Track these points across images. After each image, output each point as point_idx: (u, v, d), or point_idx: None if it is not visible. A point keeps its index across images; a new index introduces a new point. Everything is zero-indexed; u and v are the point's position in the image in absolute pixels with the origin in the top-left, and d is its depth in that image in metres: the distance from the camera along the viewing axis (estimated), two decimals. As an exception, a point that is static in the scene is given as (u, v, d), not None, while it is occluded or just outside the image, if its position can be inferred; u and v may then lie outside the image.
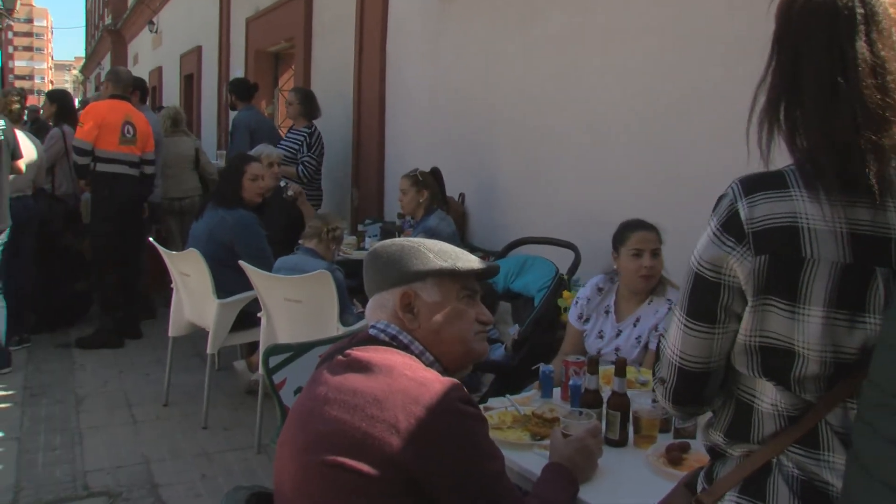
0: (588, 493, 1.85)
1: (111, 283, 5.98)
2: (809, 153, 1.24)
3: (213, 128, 11.98)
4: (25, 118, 7.63)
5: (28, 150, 5.56)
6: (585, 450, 1.90)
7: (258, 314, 4.21)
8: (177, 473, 3.84)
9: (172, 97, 15.05)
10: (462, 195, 5.51)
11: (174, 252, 4.75)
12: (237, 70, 10.60)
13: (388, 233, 5.39)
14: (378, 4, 6.63)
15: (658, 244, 3.02)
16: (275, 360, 2.57)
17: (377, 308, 1.76)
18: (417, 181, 4.81)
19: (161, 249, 4.71)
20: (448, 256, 1.76)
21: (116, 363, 5.61)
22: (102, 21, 25.92)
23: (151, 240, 5.01)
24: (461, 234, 5.16)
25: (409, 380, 1.54)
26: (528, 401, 2.50)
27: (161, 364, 5.06)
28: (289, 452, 1.61)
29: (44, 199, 6.15)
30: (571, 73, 4.44)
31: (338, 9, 7.52)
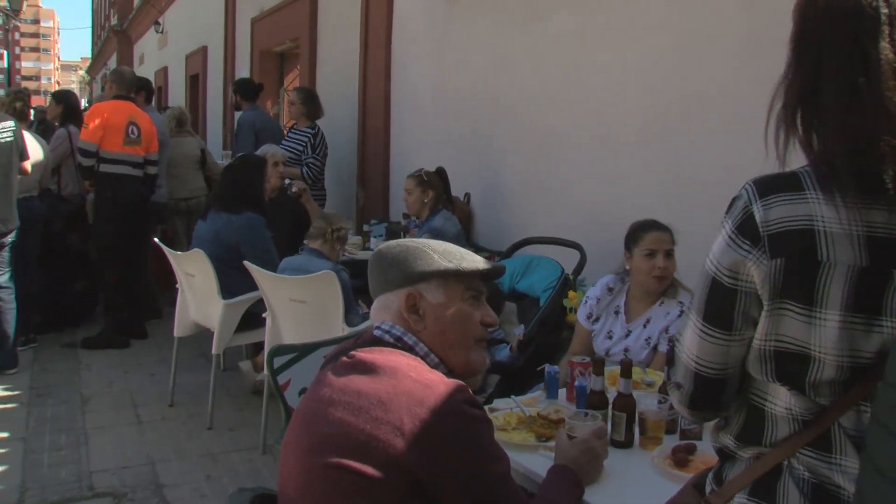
0: (593, 495, 1.85)
1: (115, 284, 5.98)
2: (826, 154, 1.22)
3: (219, 128, 12.00)
4: (32, 118, 7.65)
5: (34, 151, 5.56)
6: (591, 451, 1.89)
7: (263, 315, 4.20)
8: (182, 474, 3.84)
9: (178, 97, 15.08)
10: (467, 195, 5.50)
11: (179, 252, 4.75)
12: (242, 70, 10.61)
13: (394, 233, 5.38)
14: (383, 4, 6.63)
15: (671, 245, 3.01)
16: (279, 361, 2.57)
17: (382, 309, 1.75)
18: (422, 181, 4.80)
19: (166, 250, 4.71)
20: (453, 257, 1.75)
21: (122, 363, 5.62)
22: (108, 21, 25.99)
23: (156, 240, 5.02)
24: (466, 234, 5.15)
25: (414, 382, 1.53)
26: (534, 402, 2.49)
27: (166, 364, 5.07)
28: (293, 454, 1.60)
29: (49, 200, 6.17)
30: (577, 73, 4.43)
31: (343, 9, 7.52)
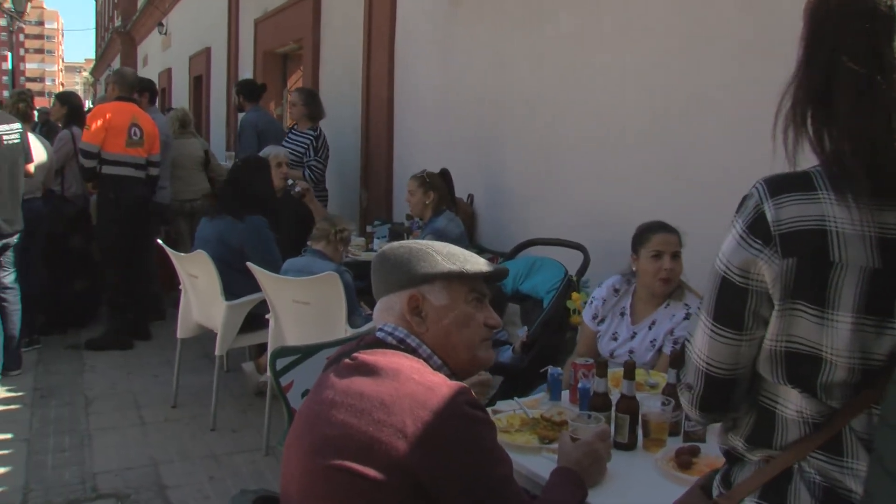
0: (597, 498, 1.84)
1: (118, 285, 5.99)
2: (838, 155, 1.21)
3: (222, 129, 12.01)
4: (36, 119, 7.66)
5: (38, 153, 5.58)
6: (594, 454, 1.89)
7: (266, 316, 4.20)
8: (185, 475, 3.85)
9: (182, 98, 15.09)
10: (470, 196, 5.49)
11: (182, 254, 4.75)
12: (246, 71, 10.62)
13: (397, 234, 5.38)
14: (386, 6, 6.63)
15: (678, 247, 3.00)
16: (282, 363, 2.57)
17: (385, 311, 1.75)
18: (424, 182, 4.80)
19: (169, 251, 4.72)
20: (456, 259, 1.74)
21: (125, 365, 5.62)
22: (112, 23, 26.03)
23: (160, 241, 5.02)
24: (470, 236, 5.14)
25: (417, 384, 1.53)
26: (537, 403, 2.49)
27: (170, 365, 5.07)
28: (295, 456, 1.60)
29: (53, 201, 6.18)
30: (580, 74, 4.43)
31: (346, 10, 7.52)
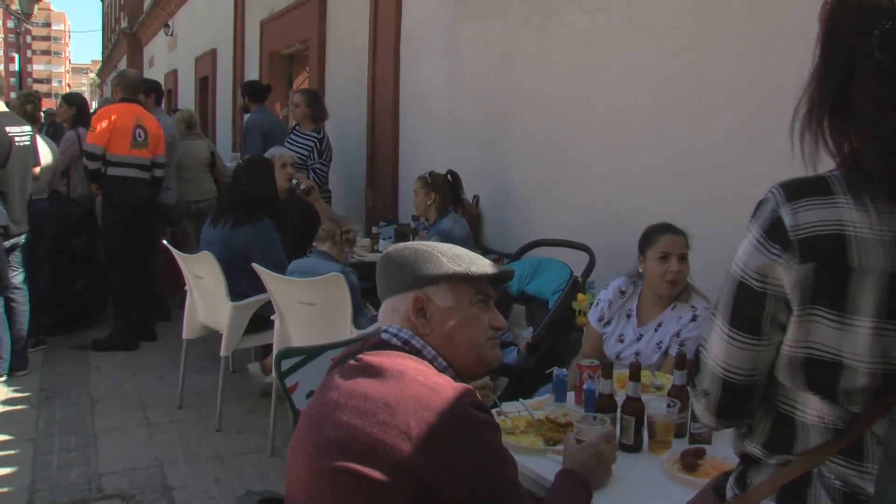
0: (602, 499, 1.84)
1: (124, 286, 6.00)
2: (857, 158, 1.19)
3: (228, 130, 12.03)
4: (42, 121, 7.69)
5: (44, 154, 5.60)
6: (599, 455, 1.88)
7: (272, 317, 4.21)
8: (190, 476, 3.85)
9: (188, 100, 15.12)
10: (476, 197, 5.49)
11: (188, 255, 4.75)
12: (252, 72, 10.64)
13: (403, 235, 5.38)
14: (391, 6, 6.63)
15: (685, 249, 2.99)
16: (287, 364, 2.57)
17: (390, 312, 1.74)
18: (426, 183, 4.79)
19: (174, 252, 4.72)
20: (462, 261, 1.74)
21: (131, 365, 5.63)
22: (119, 24, 26.09)
23: (165, 242, 5.03)
24: (475, 236, 5.14)
25: (421, 385, 1.53)
26: (542, 405, 2.48)
27: (175, 366, 5.07)
28: (300, 457, 1.60)
29: (58, 202, 6.20)
30: (586, 74, 4.42)
31: (352, 11, 7.53)
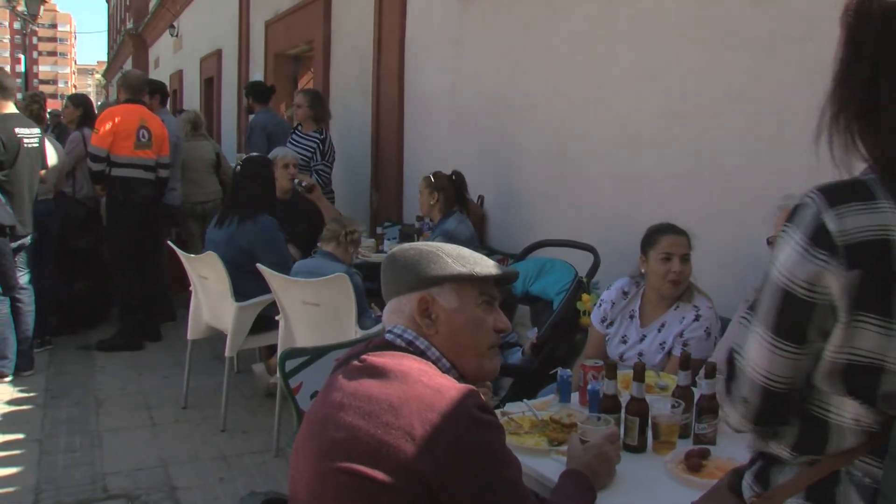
0: (606, 500, 1.84)
1: (129, 287, 6.01)
2: (891, 162, 1.18)
3: (233, 131, 12.04)
4: (48, 122, 7.71)
5: (50, 156, 5.62)
6: (603, 456, 1.88)
7: (276, 317, 4.21)
8: (195, 476, 3.86)
9: (193, 100, 15.15)
10: (481, 197, 5.49)
11: (192, 255, 4.76)
12: (257, 73, 10.65)
13: (407, 235, 5.38)
14: (396, 6, 6.63)
15: (688, 249, 2.99)
16: (291, 364, 2.57)
17: (394, 313, 1.74)
18: (430, 183, 4.80)
19: (179, 252, 4.73)
20: (466, 262, 1.74)
21: (136, 366, 5.64)
22: (124, 25, 26.14)
23: (170, 243, 5.04)
24: (480, 237, 5.13)
25: (425, 386, 1.53)
26: (546, 405, 2.48)
27: (180, 367, 5.09)
28: (304, 458, 1.60)
29: (64, 203, 6.21)
30: (592, 74, 4.41)
31: (356, 11, 7.53)
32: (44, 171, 5.41)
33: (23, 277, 5.25)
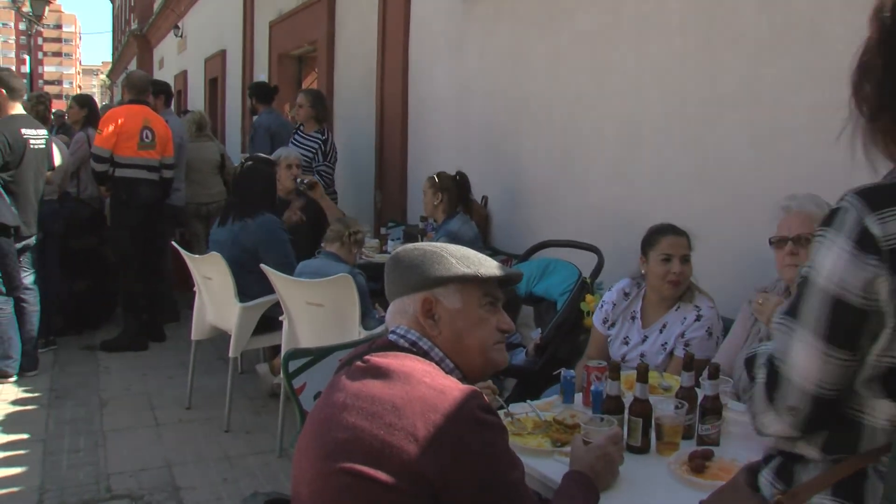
0: (609, 501, 1.83)
1: (132, 287, 6.02)
2: None
3: (238, 131, 12.06)
4: (52, 122, 7.73)
5: (57, 157, 5.63)
6: (606, 457, 1.88)
7: (280, 318, 4.21)
8: (199, 477, 3.86)
9: (197, 101, 15.17)
10: (485, 198, 5.48)
11: (196, 255, 4.77)
12: (261, 74, 10.66)
13: (411, 236, 5.38)
14: (400, 6, 6.64)
15: (688, 250, 2.99)
16: (294, 365, 2.57)
17: (398, 313, 1.75)
18: (433, 183, 4.80)
19: (183, 253, 4.73)
20: (471, 263, 1.74)
21: (140, 366, 5.65)
22: (129, 26, 26.18)
23: (174, 243, 5.05)
24: (483, 237, 5.13)
25: (428, 387, 1.53)
26: (550, 406, 2.48)
27: (184, 367, 5.09)
28: (307, 459, 1.60)
29: (69, 203, 6.23)
30: (597, 74, 4.40)
31: (360, 11, 7.54)
32: (50, 173, 5.43)
33: (27, 278, 5.27)
